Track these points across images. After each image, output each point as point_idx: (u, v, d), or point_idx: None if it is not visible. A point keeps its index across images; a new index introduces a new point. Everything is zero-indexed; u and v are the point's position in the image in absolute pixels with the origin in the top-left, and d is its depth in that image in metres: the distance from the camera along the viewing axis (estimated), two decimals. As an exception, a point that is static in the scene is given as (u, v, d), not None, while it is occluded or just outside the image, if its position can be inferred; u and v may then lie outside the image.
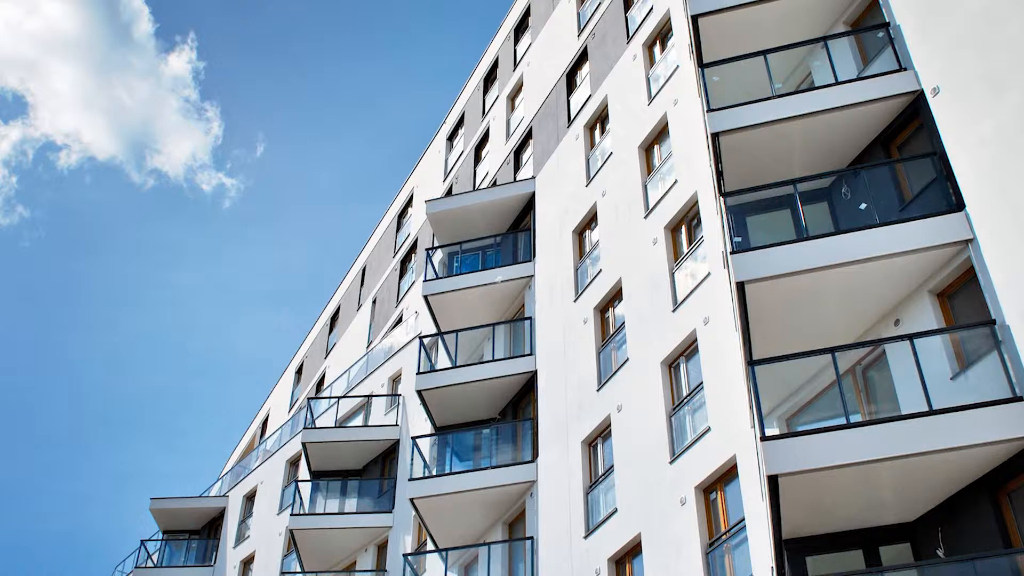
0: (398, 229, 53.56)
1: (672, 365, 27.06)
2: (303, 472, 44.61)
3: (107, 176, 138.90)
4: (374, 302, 52.52)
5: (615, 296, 31.02)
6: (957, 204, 18.92)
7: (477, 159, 46.73)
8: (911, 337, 18.07)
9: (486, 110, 47.85)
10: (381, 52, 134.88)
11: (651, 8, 34.50)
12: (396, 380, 43.73)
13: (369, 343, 50.52)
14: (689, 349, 26.53)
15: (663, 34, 33.78)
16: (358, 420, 44.52)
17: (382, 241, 55.31)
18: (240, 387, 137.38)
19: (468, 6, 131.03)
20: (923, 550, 17.85)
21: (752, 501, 21.90)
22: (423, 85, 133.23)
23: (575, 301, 32.76)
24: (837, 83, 21.83)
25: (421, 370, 36.70)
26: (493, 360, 34.75)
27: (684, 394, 26.15)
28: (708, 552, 23.25)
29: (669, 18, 33.22)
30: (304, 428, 42.09)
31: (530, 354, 34.17)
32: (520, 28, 47.67)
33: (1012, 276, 17.28)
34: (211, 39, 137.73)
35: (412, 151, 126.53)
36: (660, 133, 31.71)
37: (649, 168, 31.66)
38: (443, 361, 38.79)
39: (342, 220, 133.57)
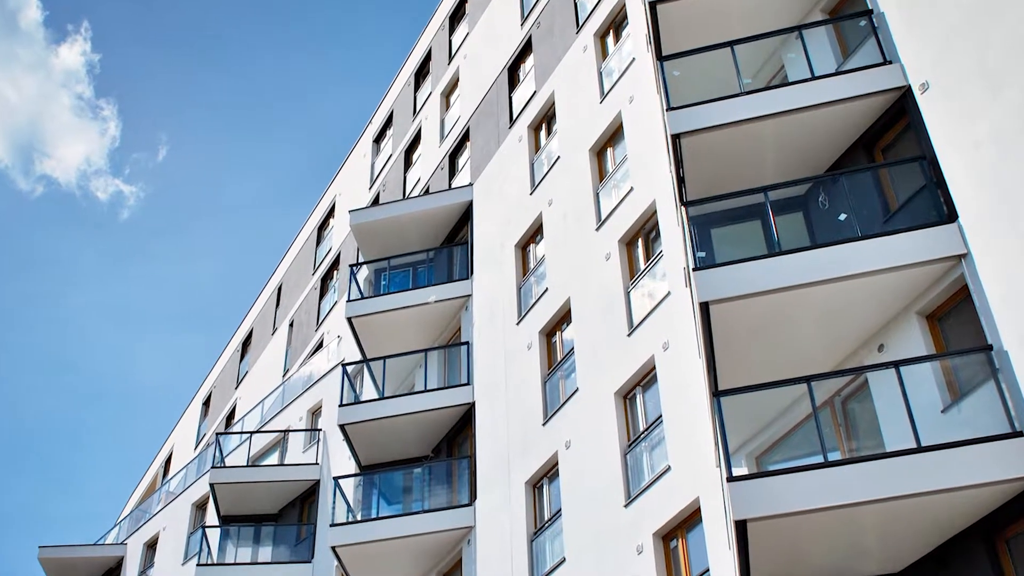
0: (318, 243, 53.43)
1: (627, 396, 26.93)
2: (211, 517, 44.39)
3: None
4: (291, 325, 52.40)
5: (563, 318, 30.87)
6: (949, 215, 18.94)
7: (407, 164, 46.59)
8: (897, 364, 18.08)
9: (417, 109, 47.74)
10: (299, 44, 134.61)
11: (603, -7, 34.46)
12: (316, 413, 43.52)
13: (285, 371, 50.32)
14: (646, 378, 26.41)
15: (617, 23, 33.75)
16: (273, 458, 44.32)
17: (300, 256, 55.15)
18: (141, 420, 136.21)
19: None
20: (912, 605, 17.79)
21: (718, 549, 21.82)
22: (347, 81, 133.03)
23: (518, 324, 32.58)
24: (814, 78, 21.87)
25: (344, 402, 36.47)
26: (425, 391, 34.64)
27: (641, 429, 26.06)
28: (669, 608, 23.15)
29: (624, 5, 33.20)
30: (212, 467, 41.89)
31: (467, 384, 34.03)
32: (456, 16, 47.63)
33: (1011, 296, 17.27)
34: (107, 29, 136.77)
35: (334, 155, 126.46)
36: (614, 134, 31.64)
37: (601, 174, 31.55)
38: (369, 392, 38.58)
39: (255, 232, 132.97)
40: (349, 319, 37.10)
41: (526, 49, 39.43)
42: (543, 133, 36.38)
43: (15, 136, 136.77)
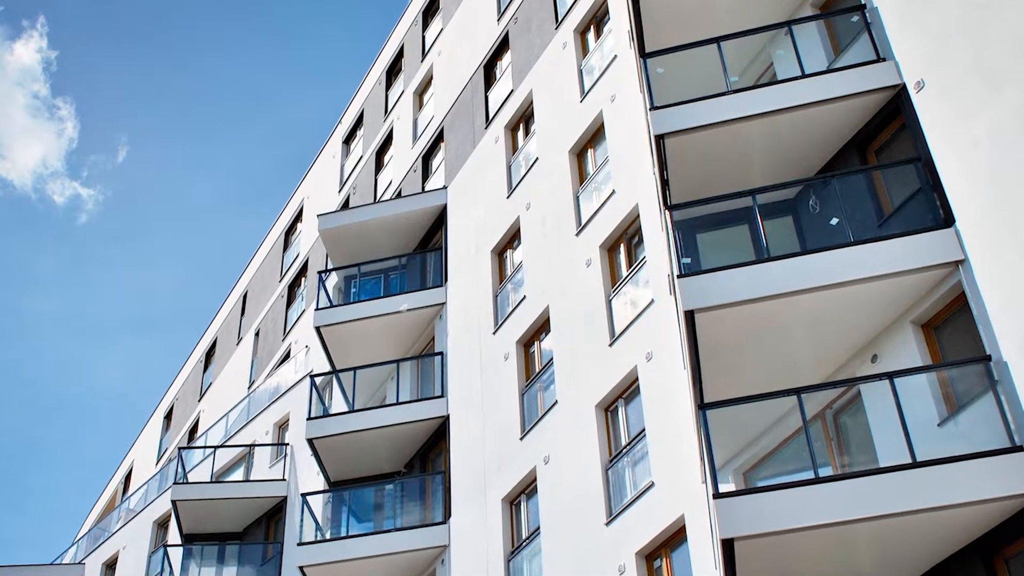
0: (285, 248, 53.32)
1: (609, 409, 26.85)
2: (173, 535, 44.26)
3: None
4: (257, 334, 52.27)
5: (541, 327, 30.78)
6: (945, 219, 18.90)
7: (379, 166, 46.51)
8: (891, 376, 18.04)
9: (389, 108, 47.66)
10: (265, 40, 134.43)
11: (583, -12, 34.40)
12: (283, 427, 43.33)
13: (251, 383, 50.21)
14: (629, 390, 26.33)
15: (598, 18, 33.71)
16: (238, 474, 44.21)
17: (266, 262, 55.04)
18: (99, 434, 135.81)
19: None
20: (907, 628, 17.75)
21: (704, 569, 21.77)
22: (315, 79, 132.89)
23: (494, 333, 32.48)
24: (804, 76, 21.83)
25: (312, 415, 36.36)
26: (398, 403, 34.58)
27: (623, 443, 25.97)
28: (652, 631, 23.08)
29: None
30: (174, 483, 41.70)
31: (441, 396, 33.95)
32: (429, 11, 47.59)
33: (1010, 303, 17.22)
34: (64, 24, 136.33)
35: (302, 156, 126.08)
36: (595, 135, 31.58)
37: (582, 176, 31.48)
38: (338, 404, 38.46)
39: (219, 237, 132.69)
40: (317, 328, 36.99)
41: (503, 46, 39.36)
42: (520, 134, 36.30)
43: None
